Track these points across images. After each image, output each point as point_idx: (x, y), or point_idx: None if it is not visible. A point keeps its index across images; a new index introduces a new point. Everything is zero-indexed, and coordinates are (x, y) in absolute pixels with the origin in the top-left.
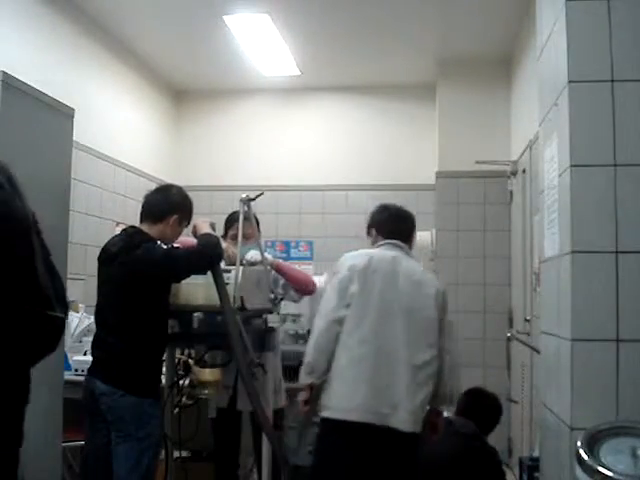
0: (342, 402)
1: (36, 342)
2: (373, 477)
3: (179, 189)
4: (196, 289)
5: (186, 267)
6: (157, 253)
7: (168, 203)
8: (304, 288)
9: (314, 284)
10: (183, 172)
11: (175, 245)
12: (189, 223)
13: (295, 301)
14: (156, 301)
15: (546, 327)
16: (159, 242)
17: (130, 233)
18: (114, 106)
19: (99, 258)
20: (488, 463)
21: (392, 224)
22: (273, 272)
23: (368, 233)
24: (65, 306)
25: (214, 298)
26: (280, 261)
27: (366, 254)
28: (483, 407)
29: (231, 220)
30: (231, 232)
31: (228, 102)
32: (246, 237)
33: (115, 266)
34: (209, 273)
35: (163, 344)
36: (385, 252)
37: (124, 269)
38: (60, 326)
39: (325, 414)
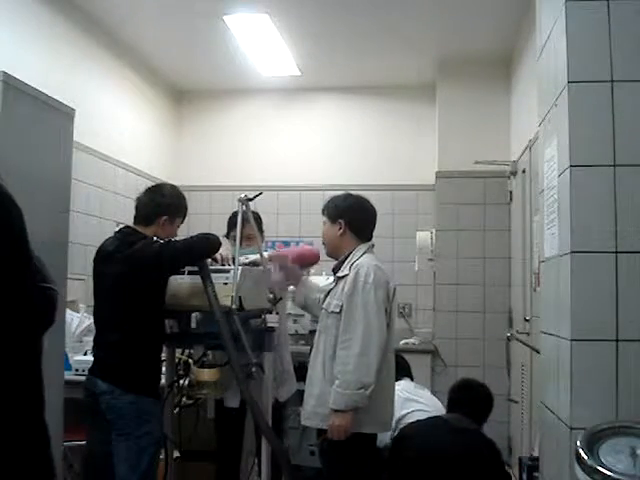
0: (380, 416)
1: (39, 313)
2: None
3: (170, 188)
4: (195, 289)
5: (172, 254)
6: (155, 245)
7: (155, 206)
8: (310, 260)
9: (314, 251)
10: (183, 172)
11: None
12: (184, 220)
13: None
14: (152, 298)
15: (546, 327)
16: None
17: (125, 232)
18: (114, 106)
19: (95, 259)
20: (491, 454)
21: (373, 225)
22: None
23: (333, 222)
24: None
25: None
26: (277, 251)
27: (382, 266)
28: (474, 399)
29: (233, 222)
30: (232, 234)
31: (228, 102)
32: (248, 238)
33: (113, 262)
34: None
35: (160, 342)
36: (379, 261)
37: (123, 264)
38: (55, 298)
39: (367, 430)
